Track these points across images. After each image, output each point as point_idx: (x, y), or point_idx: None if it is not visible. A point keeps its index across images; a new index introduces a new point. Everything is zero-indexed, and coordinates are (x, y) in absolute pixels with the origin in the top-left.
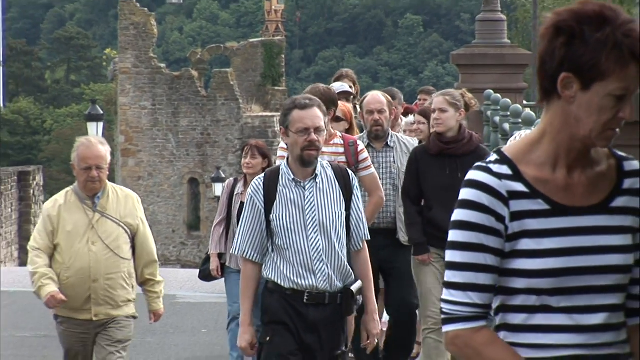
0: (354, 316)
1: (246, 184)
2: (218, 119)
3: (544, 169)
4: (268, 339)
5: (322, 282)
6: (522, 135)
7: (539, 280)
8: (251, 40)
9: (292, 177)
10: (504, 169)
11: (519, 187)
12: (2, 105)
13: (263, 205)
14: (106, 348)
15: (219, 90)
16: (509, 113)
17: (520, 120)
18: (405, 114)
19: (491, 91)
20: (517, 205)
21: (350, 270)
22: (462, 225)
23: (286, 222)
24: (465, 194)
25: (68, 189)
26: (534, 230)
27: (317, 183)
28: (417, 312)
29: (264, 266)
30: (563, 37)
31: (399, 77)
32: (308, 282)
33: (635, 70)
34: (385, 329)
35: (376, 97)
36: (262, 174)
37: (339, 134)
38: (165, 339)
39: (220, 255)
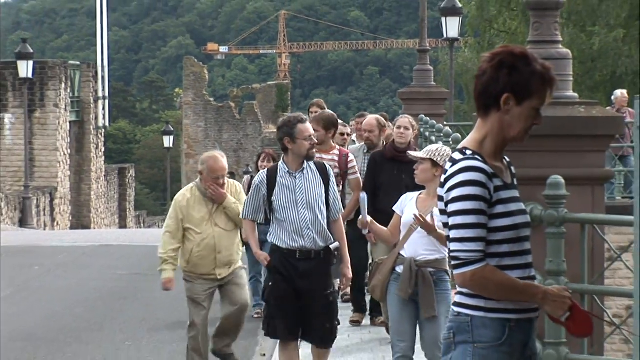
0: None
1: None
2: (247, 134)
3: (491, 159)
4: (270, 284)
5: (308, 243)
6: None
7: (509, 232)
8: (268, 83)
9: (287, 169)
10: (481, 159)
11: (490, 170)
12: (108, 124)
13: (266, 190)
14: (235, 290)
15: (248, 115)
16: (434, 130)
17: (442, 134)
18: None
19: (423, 115)
20: (494, 182)
21: (329, 234)
22: (470, 197)
23: (283, 201)
24: (467, 176)
25: (192, 185)
26: (503, 199)
27: (304, 174)
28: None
29: (268, 234)
30: (506, 69)
31: (364, 107)
32: (298, 244)
33: (547, 91)
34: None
35: (369, 121)
36: (265, 170)
37: (337, 147)
38: None
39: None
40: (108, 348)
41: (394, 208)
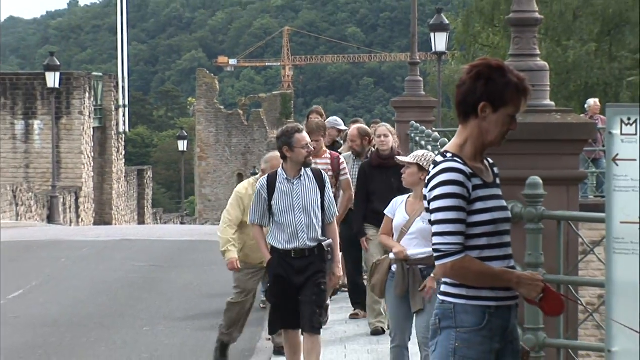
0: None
1: None
2: (254, 139)
3: (471, 161)
4: (269, 284)
5: (302, 244)
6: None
7: (488, 227)
8: (273, 92)
9: (286, 176)
10: (460, 160)
11: (469, 170)
12: (128, 130)
13: (267, 195)
14: None
15: (255, 121)
16: (424, 135)
17: (430, 139)
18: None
19: (414, 122)
20: (473, 181)
21: (321, 237)
22: (450, 195)
23: (281, 206)
24: (447, 176)
25: (252, 181)
26: (481, 196)
27: (301, 180)
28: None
29: (268, 235)
30: (483, 80)
31: (360, 115)
32: (293, 245)
33: (522, 100)
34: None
35: (352, 131)
36: (265, 176)
37: (328, 151)
38: (222, 267)
39: None
40: (128, 333)
41: (385, 212)
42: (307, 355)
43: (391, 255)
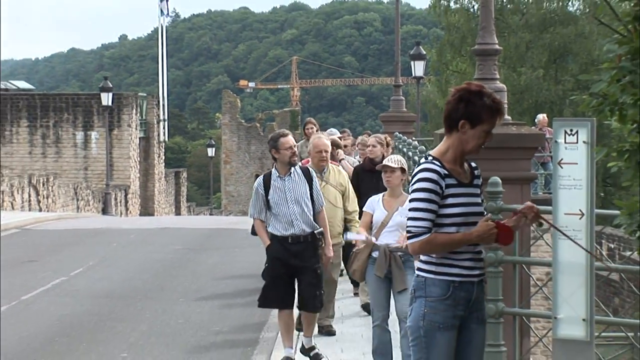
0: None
1: None
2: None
3: (450, 164)
4: (266, 265)
5: (297, 231)
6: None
7: (457, 218)
8: (284, 109)
9: (278, 174)
10: (438, 163)
11: (444, 171)
12: (167, 139)
13: (263, 191)
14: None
15: (269, 133)
16: (406, 143)
17: (411, 147)
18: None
19: (397, 133)
20: (446, 180)
21: (314, 222)
22: (424, 190)
23: (276, 199)
24: (423, 174)
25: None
26: (453, 193)
27: (292, 177)
28: None
29: (267, 225)
30: (463, 102)
31: (354, 126)
32: (290, 232)
33: (495, 118)
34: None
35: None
36: (262, 175)
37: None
38: (242, 250)
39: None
40: (167, 303)
41: (364, 209)
42: (306, 325)
43: (378, 242)
